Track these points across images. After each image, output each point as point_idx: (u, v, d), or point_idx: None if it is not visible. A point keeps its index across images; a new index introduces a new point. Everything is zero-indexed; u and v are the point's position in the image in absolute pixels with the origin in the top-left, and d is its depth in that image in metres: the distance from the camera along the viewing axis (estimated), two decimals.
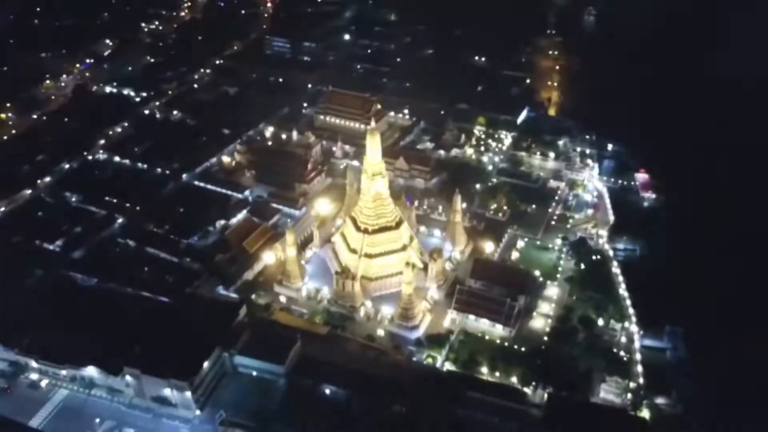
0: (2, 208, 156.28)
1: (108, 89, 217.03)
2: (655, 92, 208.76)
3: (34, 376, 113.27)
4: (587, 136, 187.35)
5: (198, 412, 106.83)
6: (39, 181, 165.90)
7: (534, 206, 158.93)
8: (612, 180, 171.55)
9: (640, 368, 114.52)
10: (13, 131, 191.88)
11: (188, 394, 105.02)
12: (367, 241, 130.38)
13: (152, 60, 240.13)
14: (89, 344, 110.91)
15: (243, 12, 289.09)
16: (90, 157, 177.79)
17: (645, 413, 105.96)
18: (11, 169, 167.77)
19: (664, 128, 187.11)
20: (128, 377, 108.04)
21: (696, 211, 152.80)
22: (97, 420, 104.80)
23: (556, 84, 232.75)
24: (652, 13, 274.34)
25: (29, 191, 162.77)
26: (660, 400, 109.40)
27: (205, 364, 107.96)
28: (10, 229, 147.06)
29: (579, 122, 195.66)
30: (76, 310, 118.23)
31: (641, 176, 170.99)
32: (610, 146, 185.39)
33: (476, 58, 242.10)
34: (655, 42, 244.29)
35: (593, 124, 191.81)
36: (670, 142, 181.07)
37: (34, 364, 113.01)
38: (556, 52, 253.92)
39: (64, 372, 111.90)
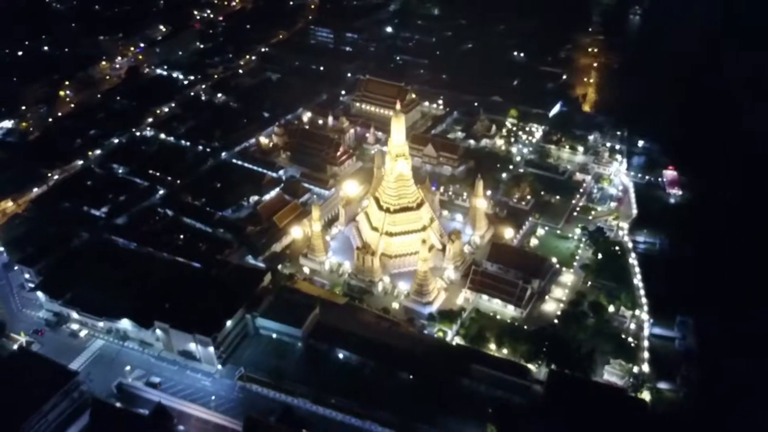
0: (56, 177, 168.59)
1: (159, 71, 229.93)
2: (692, 93, 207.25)
3: (74, 326, 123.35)
4: (618, 132, 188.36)
5: (219, 366, 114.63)
6: (90, 153, 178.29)
7: (558, 197, 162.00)
8: (639, 176, 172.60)
9: (646, 354, 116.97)
10: (70, 107, 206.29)
11: (211, 349, 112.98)
12: (388, 220, 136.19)
13: (202, 46, 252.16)
14: (125, 300, 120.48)
15: (291, 2, 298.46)
16: (138, 133, 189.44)
17: (646, 396, 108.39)
18: (66, 141, 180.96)
19: (697, 129, 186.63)
20: (158, 331, 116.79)
21: (721, 210, 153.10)
22: (128, 368, 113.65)
23: (592, 81, 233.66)
24: (698, 14, 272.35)
25: (81, 162, 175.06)
26: (663, 385, 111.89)
27: (228, 323, 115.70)
28: (61, 195, 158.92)
29: (612, 118, 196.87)
30: (115, 270, 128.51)
31: (669, 173, 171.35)
32: (641, 143, 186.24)
33: (515, 53, 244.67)
34: (697, 43, 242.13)
35: (626, 121, 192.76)
36: (702, 142, 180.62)
37: (75, 315, 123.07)
38: (596, 50, 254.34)
39: (101, 324, 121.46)
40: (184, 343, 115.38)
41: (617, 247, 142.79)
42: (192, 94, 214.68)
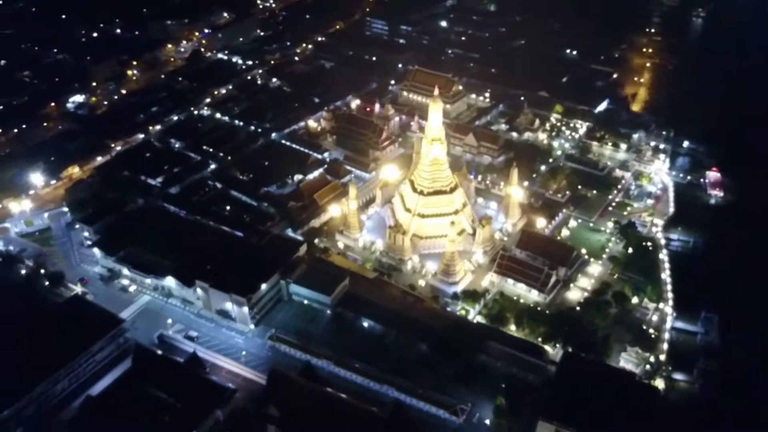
0: (118, 148, 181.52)
1: (219, 55, 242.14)
2: (747, 98, 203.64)
3: (125, 282, 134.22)
4: (664, 132, 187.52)
5: (252, 326, 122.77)
6: (151, 128, 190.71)
7: (595, 192, 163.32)
8: (681, 175, 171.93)
9: (665, 345, 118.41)
10: (136, 85, 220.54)
11: (246, 309, 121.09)
12: (422, 202, 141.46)
13: (262, 33, 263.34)
14: (171, 261, 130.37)
15: None
16: (195, 112, 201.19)
17: (660, 384, 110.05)
18: (130, 116, 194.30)
19: (747, 133, 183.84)
20: (199, 290, 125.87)
21: (761, 213, 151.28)
22: (170, 321, 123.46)
23: (643, 81, 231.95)
24: (764, 19, 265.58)
25: (142, 135, 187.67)
26: (679, 376, 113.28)
27: (263, 286, 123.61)
28: (122, 164, 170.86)
29: (659, 118, 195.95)
30: (164, 233, 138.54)
31: (712, 174, 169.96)
32: (686, 144, 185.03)
33: (567, 51, 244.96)
34: (759, 48, 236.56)
35: (674, 121, 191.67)
36: (751, 146, 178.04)
37: (126, 271, 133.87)
38: (651, 50, 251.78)
39: (148, 280, 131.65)
40: (221, 303, 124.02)
41: (649, 243, 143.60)
42: (248, 77, 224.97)
